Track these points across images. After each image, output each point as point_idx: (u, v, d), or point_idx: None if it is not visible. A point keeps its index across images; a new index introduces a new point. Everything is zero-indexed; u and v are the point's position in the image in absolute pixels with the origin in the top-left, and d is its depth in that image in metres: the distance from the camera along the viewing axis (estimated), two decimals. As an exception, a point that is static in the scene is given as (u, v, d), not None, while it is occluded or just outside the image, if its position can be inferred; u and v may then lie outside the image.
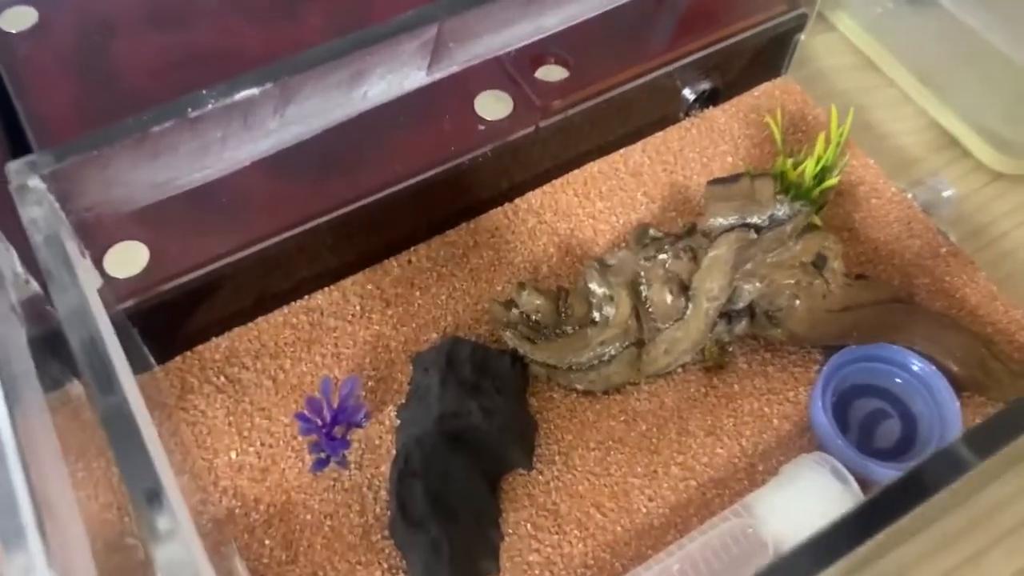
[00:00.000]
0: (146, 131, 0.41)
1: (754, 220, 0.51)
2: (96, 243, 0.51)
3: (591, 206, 0.61)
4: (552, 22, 0.49)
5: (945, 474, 0.35)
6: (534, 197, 0.61)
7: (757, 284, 0.51)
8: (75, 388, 0.49)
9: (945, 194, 0.61)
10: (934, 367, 0.52)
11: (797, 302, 0.51)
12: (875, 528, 0.35)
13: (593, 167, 0.63)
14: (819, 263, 0.52)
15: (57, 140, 0.41)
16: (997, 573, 0.51)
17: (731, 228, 0.51)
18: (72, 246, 0.39)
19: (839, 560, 0.34)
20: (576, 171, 0.62)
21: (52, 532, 0.33)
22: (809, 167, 0.56)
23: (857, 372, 0.53)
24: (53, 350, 0.46)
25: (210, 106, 0.41)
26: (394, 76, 0.46)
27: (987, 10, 0.53)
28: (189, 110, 0.41)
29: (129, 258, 0.51)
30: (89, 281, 0.39)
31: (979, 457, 0.36)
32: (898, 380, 0.53)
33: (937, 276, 0.59)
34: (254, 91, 0.42)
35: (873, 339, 0.52)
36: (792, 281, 0.51)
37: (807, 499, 0.47)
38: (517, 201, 0.61)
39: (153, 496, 0.32)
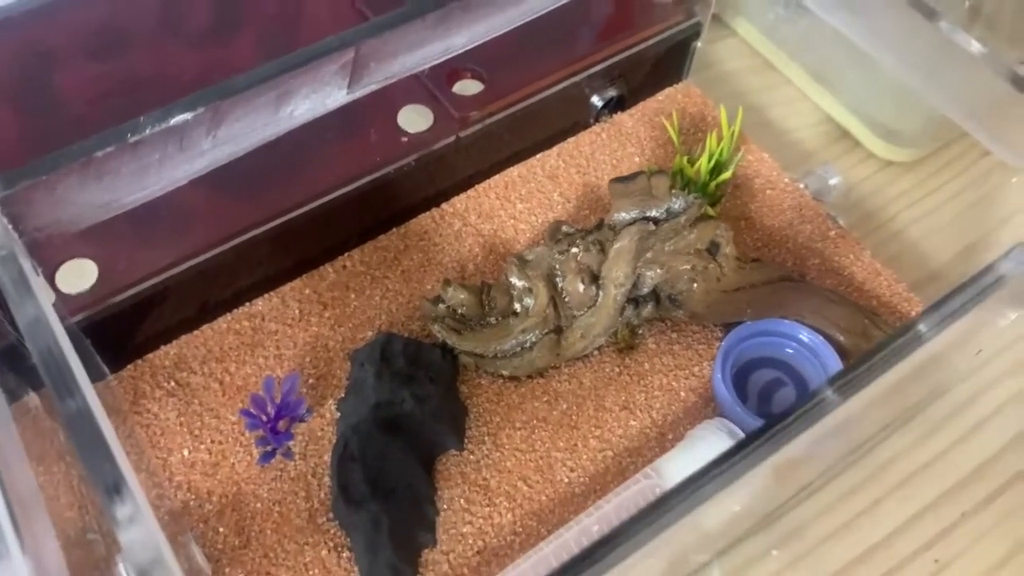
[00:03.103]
0: (90, 156, 0.45)
1: (653, 213, 0.56)
2: (48, 262, 0.54)
3: (512, 208, 0.66)
4: (460, 41, 0.54)
5: (807, 414, 0.41)
6: (459, 202, 0.66)
7: (658, 270, 0.56)
8: (32, 400, 0.53)
9: (832, 181, 0.67)
10: (821, 337, 0.57)
11: (695, 285, 0.57)
12: (747, 464, 0.41)
13: (513, 172, 0.67)
14: (713, 249, 0.57)
15: (3, 167, 0.45)
16: (892, 519, 0.57)
17: (633, 221, 0.56)
18: (27, 264, 0.43)
19: (717, 493, 0.40)
20: (497, 176, 0.67)
21: (25, 526, 0.37)
22: (703, 163, 0.62)
23: (753, 346, 0.58)
24: (10, 365, 0.49)
25: (148, 131, 0.45)
26: (317, 95, 0.50)
27: (854, 17, 0.58)
28: (129, 135, 0.45)
29: (79, 275, 0.55)
30: (44, 297, 0.43)
31: (841, 396, 0.42)
32: (789, 350, 0.58)
33: (827, 257, 0.64)
34: (187, 116, 0.46)
35: (766, 315, 0.57)
36: (689, 266, 0.56)
37: (708, 459, 0.52)
38: (443, 206, 0.65)
39: (116, 487, 0.36)
